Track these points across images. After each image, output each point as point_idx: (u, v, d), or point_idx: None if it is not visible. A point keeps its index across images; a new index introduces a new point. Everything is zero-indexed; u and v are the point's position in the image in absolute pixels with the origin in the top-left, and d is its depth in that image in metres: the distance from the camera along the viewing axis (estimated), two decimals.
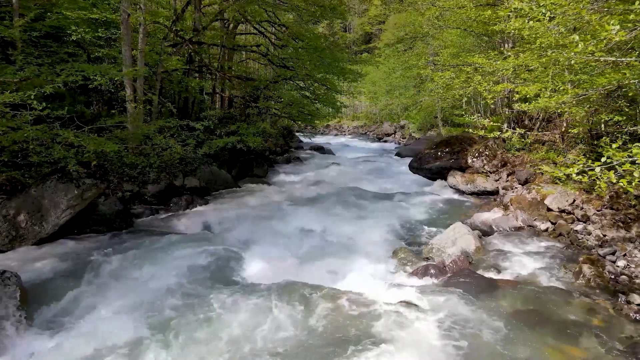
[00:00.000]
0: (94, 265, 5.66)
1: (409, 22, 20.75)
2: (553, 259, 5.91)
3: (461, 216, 9.08)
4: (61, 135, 5.79)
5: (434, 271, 5.68)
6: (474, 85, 9.79)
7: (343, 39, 26.51)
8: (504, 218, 7.66)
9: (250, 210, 9.13)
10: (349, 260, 6.30)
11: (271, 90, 14.03)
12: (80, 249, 6.25)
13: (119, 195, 9.16)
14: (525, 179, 10.10)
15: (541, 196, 7.90)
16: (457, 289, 4.95)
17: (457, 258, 5.84)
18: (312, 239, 7.23)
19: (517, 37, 10.74)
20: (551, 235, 7.01)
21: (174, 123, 8.34)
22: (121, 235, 7.20)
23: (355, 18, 52.06)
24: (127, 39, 9.95)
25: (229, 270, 5.68)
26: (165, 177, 10.17)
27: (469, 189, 10.93)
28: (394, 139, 29.99)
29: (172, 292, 4.92)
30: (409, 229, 8.06)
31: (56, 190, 6.58)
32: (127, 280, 5.29)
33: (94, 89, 10.31)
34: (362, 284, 5.40)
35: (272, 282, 5.24)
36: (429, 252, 6.47)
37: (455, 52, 13.16)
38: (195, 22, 13.33)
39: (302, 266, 6.07)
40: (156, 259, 5.89)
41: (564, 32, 6.88)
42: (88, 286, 5.18)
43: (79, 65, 6.66)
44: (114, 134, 7.52)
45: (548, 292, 4.88)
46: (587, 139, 9.02)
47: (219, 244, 6.69)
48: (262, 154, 14.99)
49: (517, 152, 11.29)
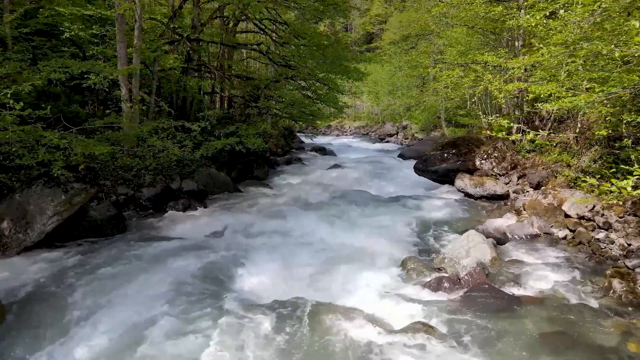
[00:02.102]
0: (80, 277, 5.24)
1: (414, 19, 20.31)
2: (576, 271, 5.48)
3: (471, 222, 8.64)
4: (46, 137, 5.36)
5: (448, 284, 5.24)
6: (485, 84, 9.35)
7: (345, 39, 26.06)
8: (519, 225, 7.22)
9: (249, 215, 8.70)
10: (354, 271, 5.86)
11: (272, 89, 13.59)
12: (67, 259, 5.83)
13: (112, 199, 8.74)
14: (537, 182, 9.66)
15: (558, 201, 7.45)
16: (476, 307, 4.51)
17: (472, 270, 5.40)
18: (314, 247, 6.79)
19: (529, 35, 10.29)
20: (570, 244, 6.57)
21: (168, 124, 7.90)
22: (113, 242, 6.77)
23: (356, 18, 51.65)
24: (122, 35, 9.54)
25: (225, 285, 5.24)
26: (161, 180, 9.75)
27: (478, 193, 10.48)
28: (396, 139, 29.54)
29: (161, 310, 4.49)
30: (417, 236, 7.62)
31: (42, 195, 6.16)
32: (114, 296, 4.85)
33: (88, 88, 9.91)
34: (370, 299, 4.97)
35: (271, 298, 4.81)
36: (441, 263, 6.03)
37: (463, 50, 12.71)
38: (194, 19, 12.92)
39: (304, 278, 5.63)
40: (147, 271, 5.46)
41: (587, 26, 6.47)
42: (72, 302, 4.75)
43: (64, 61, 6.22)
44: (105, 135, 7.08)
45: (576, 311, 4.44)
46: (605, 141, 8.58)
47: (216, 253, 6.26)
48: (263, 155, 14.56)
49: (528, 154, 10.85)
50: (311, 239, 7.15)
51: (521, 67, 8.94)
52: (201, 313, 4.44)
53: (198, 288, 5.00)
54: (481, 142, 12.70)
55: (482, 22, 12.14)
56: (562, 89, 7.20)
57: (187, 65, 12.79)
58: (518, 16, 9.52)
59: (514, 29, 10.93)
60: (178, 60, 12.79)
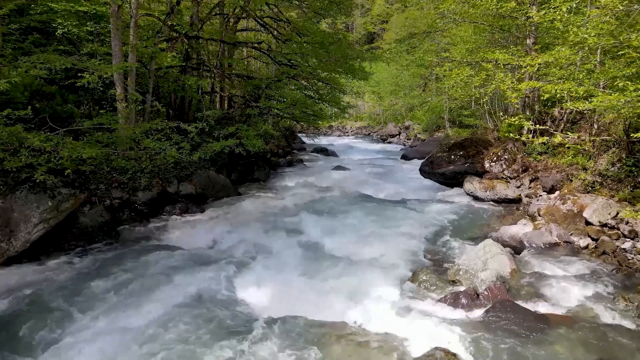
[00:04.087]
0: (65, 293, 4.82)
1: (420, 16, 19.86)
2: (604, 285, 5.04)
3: (483, 228, 8.21)
4: (29, 139, 4.94)
5: (466, 300, 4.81)
6: (496, 83, 8.91)
7: (347, 38, 25.61)
8: (537, 233, 6.78)
9: (250, 221, 8.27)
10: (361, 285, 5.42)
11: (273, 89, 13.16)
12: (53, 271, 5.40)
13: (106, 203, 8.31)
14: (551, 185, 9.23)
15: (578, 207, 7.01)
16: (500, 328, 4.08)
17: (492, 285, 4.97)
18: (317, 258, 6.34)
19: (545, 30, 9.85)
20: (593, 254, 6.13)
21: (163, 125, 7.47)
22: (103, 252, 6.35)
23: (357, 17, 51.23)
24: (116, 32, 9.10)
25: (223, 299, 4.82)
26: (157, 183, 9.32)
27: (488, 197, 10.04)
28: (398, 140, 29.11)
29: (151, 331, 4.05)
30: (427, 244, 7.19)
31: (27, 201, 5.73)
32: (100, 315, 4.43)
33: (83, 88, 9.50)
34: (380, 318, 4.54)
35: (272, 317, 4.37)
36: (456, 275, 5.60)
37: (472, 47, 12.26)
38: (193, 16, 12.48)
39: (307, 293, 5.19)
40: (138, 284, 5.03)
41: (612, 20, 6.05)
42: (54, 319, 4.33)
43: (45, 56, 5.79)
44: (95, 137, 6.65)
45: (612, 333, 4.01)
46: (624, 143, 8.14)
47: (214, 264, 5.83)
48: (264, 156, 14.14)
49: (539, 156, 10.40)
50: (314, 248, 6.72)
51: (535, 65, 8.52)
52: (195, 337, 4.01)
53: (192, 307, 4.57)
54: (489, 143, 12.26)
55: (490, 19, 11.71)
56: (580, 88, 6.78)
57: (186, 64, 12.35)
58: (531, 12, 9.08)
59: (525, 26, 10.49)
60: (176, 58, 12.38)
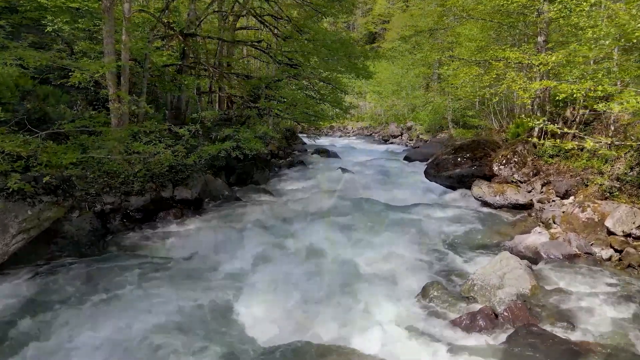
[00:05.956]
0: (44, 312, 4.39)
1: (425, 13, 19.38)
2: (635, 305, 4.59)
3: (494, 236, 7.76)
4: (1, 143, 4.51)
5: (484, 322, 4.36)
6: (507, 82, 8.47)
7: (350, 36, 25.16)
8: (554, 243, 6.32)
9: (248, 228, 7.81)
10: (367, 301, 4.99)
11: (273, 89, 12.70)
12: (32, 289, 4.96)
13: (97, 209, 7.87)
14: (565, 190, 8.75)
15: (599, 215, 6.55)
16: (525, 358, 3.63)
17: (512, 304, 4.52)
18: (319, 271, 5.88)
19: (560, 28, 9.38)
20: (617, 267, 5.69)
21: (153, 127, 7.03)
22: (90, 263, 5.88)
23: (359, 17, 50.79)
24: (109, 29, 8.66)
25: (218, 321, 4.38)
26: (151, 188, 8.88)
27: (498, 202, 9.58)
28: (400, 140, 28.64)
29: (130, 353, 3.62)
30: (437, 253, 6.74)
31: (4, 211, 5.29)
32: (82, 337, 3.99)
33: (76, 87, 9.07)
34: (388, 341, 4.12)
35: (272, 341, 3.95)
36: (470, 291, 5.15)
37: (482, 45, 11.79)
38: (190, 13, 12.04)
39: (310, 312, 4.75)
40: (126, 302, 4.60)
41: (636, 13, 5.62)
42: (32, 339, 3.89)
43: (19, 52, 5.36)
44: (79, 140, 6.21)
45: None
46: None
47: (209, 278, 5.39)
48: (264, 158, 13.70)
49: (551, 159, 9.94)
50: (316, 260, 6.26)
51: (549, 64, 8.08)
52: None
53: (183, 329, 4.13)
54: (497, 145, 11.81)
55: (498, 17, 11.26)
56: (599, 87, 6.35)
57: (182, 63, 11.91)
58: (545, 7, 8.64)
59: (536, 23, 10.03)
60: (172, 57, 11.94)
